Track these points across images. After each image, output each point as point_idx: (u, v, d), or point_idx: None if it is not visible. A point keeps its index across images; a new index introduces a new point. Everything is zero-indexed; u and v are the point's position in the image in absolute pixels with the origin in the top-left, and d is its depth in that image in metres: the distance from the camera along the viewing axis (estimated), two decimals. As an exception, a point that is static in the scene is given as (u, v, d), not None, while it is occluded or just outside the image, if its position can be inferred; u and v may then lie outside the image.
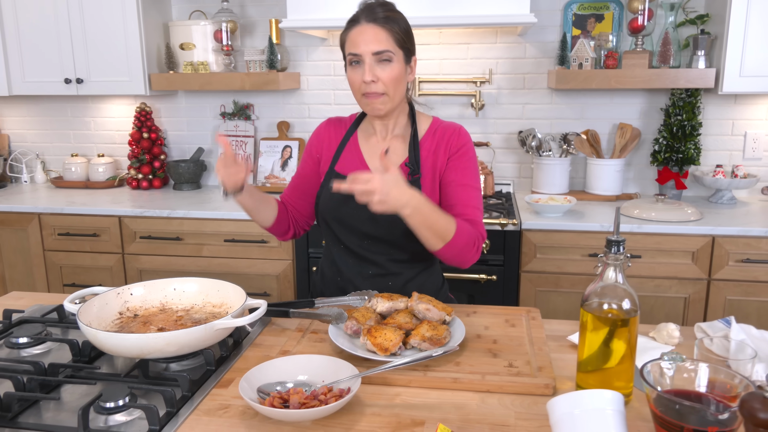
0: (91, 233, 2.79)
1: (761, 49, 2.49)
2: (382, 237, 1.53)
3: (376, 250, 1.56)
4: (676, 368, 1.02)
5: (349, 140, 1.60)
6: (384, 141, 1.58)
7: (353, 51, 1.44)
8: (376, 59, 1.43)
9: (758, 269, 2.38)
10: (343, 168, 1.57)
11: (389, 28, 1.44)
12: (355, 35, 1.44)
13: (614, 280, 1.08)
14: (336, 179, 1.49)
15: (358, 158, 1.58)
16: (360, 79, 1.45)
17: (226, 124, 3.22)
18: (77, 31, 2.91)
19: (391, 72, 1.44)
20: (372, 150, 1.58)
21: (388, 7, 1.48)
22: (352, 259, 1.59)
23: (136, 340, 1.13)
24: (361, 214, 1.50)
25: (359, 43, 1.43)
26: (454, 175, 1.53)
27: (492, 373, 1.17)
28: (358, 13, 1.47)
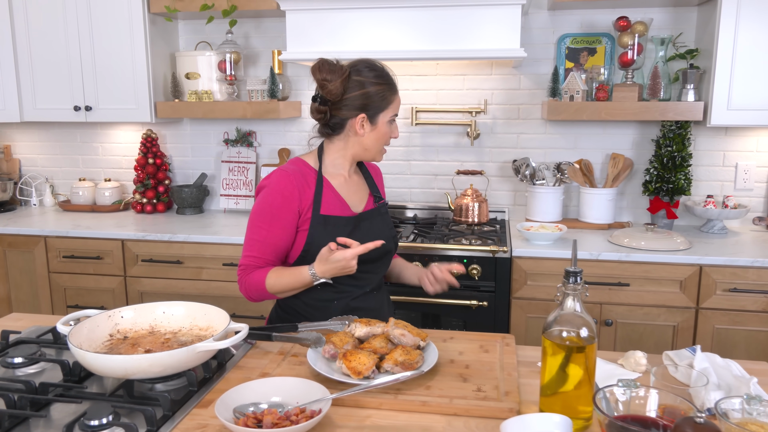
0: (95, 256, 2.88)
1: (748, 83, 2.55)
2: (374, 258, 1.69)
3: (370, 270, 1.73)
4: (630, 395, 1.07)
5: (323, 185, 1.70)
6: (350, 179, 1.77)
7: (396, 112, 1.72)
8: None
9: (745, 299, 2.41)
10: (327, 210, 1.68)
11: None
12: (398, 101, 1.72)
13: (573, 308, 1.13)
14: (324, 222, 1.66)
15: (338, 199, 1.71)
16: (393, 134, 1.74)
17: (229, 151, 3.31)
18: (87, 60, 3.03)
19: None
20: (345, 188, 1.74)
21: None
22: (353, 281, 1.70)
23: (121, 362, 1.20)
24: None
25: (398, 107, 1.73)
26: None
27: (460, 397, 1.22)
28: (393, 82, 1.71)
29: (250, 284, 1.65)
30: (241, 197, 3.30)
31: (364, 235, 1.65)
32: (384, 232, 1.75)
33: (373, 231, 1.72)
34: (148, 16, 2.97)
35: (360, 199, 1.77)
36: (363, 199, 1.78)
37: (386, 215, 1.81)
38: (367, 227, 1.72)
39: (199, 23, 3.26)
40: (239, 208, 3.30)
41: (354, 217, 1.71)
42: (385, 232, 1.76)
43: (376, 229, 1.74)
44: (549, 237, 2.59)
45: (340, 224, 1.67)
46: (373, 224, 1.74)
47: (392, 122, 1.72)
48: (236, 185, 3.31)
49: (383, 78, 1.67)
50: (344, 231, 1.66)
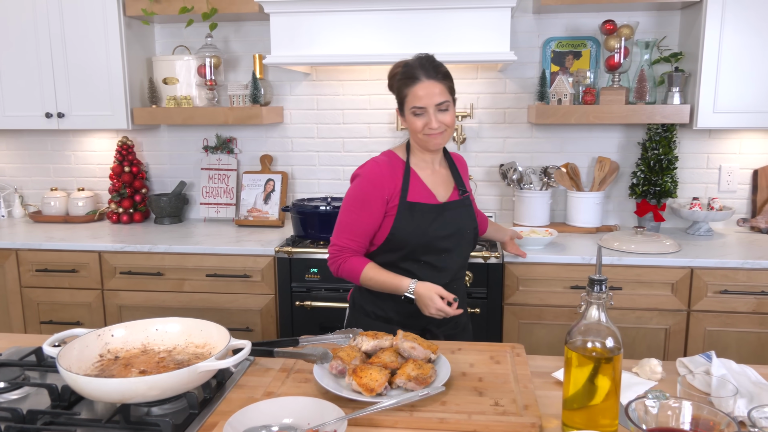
0: (70, 269, 2.76)
1: (733, 86, 2.57)
2: (455, 249, 1.82)
3: (450, 259, 1.82)
4: (660, 406, 1.03)
5: (411, 175, 1.80)
6: (436, 171, 1.86)
7: (418, 104, 1.71)
8: (438, 108, 1.71)
9: (736, 300, 2.41)
10: (413, 197, 1.78)
11: (445, 83, 1.73)
12: (419, 90, 1.71)
13: (597, 318, 1.09)
14: (410, 208, 1.76)
15: (424, 189, 1.81)
16: (422, 125, 1.73)
17: (209, 158, 3.22)
18: (59, 65, 2.91)
19: (450, 116, 1.75)
20: (431, 179, 1.84)
21: (439, 63, 1.75)
22: (432, 271, 1.80)
23: (117, 385, 1.12)
24: (442, 233, 1.78)
25: (423, 97, 1.70)
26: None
27: (478, 413, 1.17)
28: (417, 70, 1.72)
29: (345, 268, 1.78)
30: (222, 205, 3.20)
31: (448, 223, 1.78)
32: (466, 222, 1.84)
33: (456, 220, 1.81)
34: (123, 19, 2.87)
35: (445, 190, 1.84)
36: (448, 191, 1.85)
37: (470, 207, 1.87)
38: (451, 216, 1.80)
39: (176, 27, 3.16)
40: (220, 216, 3.21)
41: (439, 205, 1.79)
42: (467, 222, 1.84)
43: (459, 219, 1.82)
44: (540, 242, 2.56)
45: (425, 211, 1.76)
46: (456, 214, 1.81)
47: (416, 114, 1.72)
48: (217, 193, 3.21)
49: (405, 72, 1.74)
50: (429, 217, 1.76)
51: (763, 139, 2.91)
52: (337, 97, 3.12)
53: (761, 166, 2.92)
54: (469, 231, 1.84)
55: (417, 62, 1.73)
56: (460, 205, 1.84)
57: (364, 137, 3.14)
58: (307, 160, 3.20)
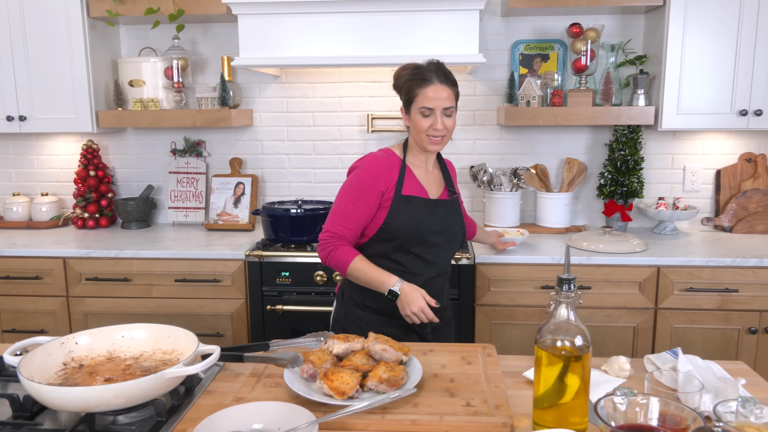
0: (34, 276, 2.69)
1: (696, 88, 2.63)
2: (443, 244, 1.89)
3: (439, 253, 1.89)
4: (629, 403, 1.04)
5: (406, 171, 1.88)
6: (429, 171, 1.94)
7: (427, 105, 1.79)
8: (444, 112, 1.81)
9: (701, 297, 2.47)
10: (408, 191, 1.85)
11: (454, 89, 1.84)
12: (431, 92, 1.79)
13: (566, 317, 1.10)
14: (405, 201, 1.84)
15: (418, 184, 1.89)
16: (428, 125, 1.81)
17: (177, 161, 3.17)
18: (21, 67, 2.84)
19: (452, 122, 1.85)
20: (425, 177, 1.92)
21: (448, 70, 1.85)
22: (423, 264, 1.87)
23: (81, 394, 1.09)
24: (434, 227, 1.86)
25: (434, 99, 1.79)
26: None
27: (450, 414, 1.17)
28: (431, 73, 1.81)
29: (335, 256, 1.80)
30: (191, 209, 3.16)
31: (439, 219, 1.86)
32: (455, 221, 1.92)
33: (446, 217, 1.89)
34: (87, 21, 2.81)
35: (437, 189, 1.93)
36: (439, 190, 1.94)
37: (458, 208, 1.96)
38: (442, 213, 1.88)
39: (142, 28, 3.11)
40: (189, 221, 3.16)
41: (431, 200, 1.87)
42: (456, 221, 1.93)
43: (449, 217, 1.90)
44: (516, 241, 2.58)
45: (419, 204, 1.84)
46: (446, 212, 1.89)
47: (425, 115, 1.80)
48: (185, 197, 3.16)
49: (416, 74, 1.82)
50: (422, 210, 1.84)
51: (726, 140, 2.98)
52: (307, 100, 3.10)
53: (724, 167, 2.99)
54: (458, 229, 1.93)
55: (431, 66, 1.83)
56: (449, 204, 1.92)
57: (335, 140, 3.12)
58: (277, 162, 3.18)
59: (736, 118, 2.64)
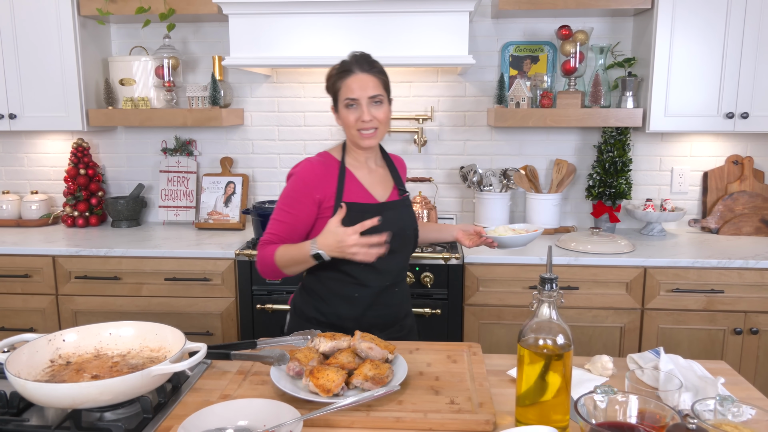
0: (23, 274, 2.68)
1: (683, 91, 2.66)
2: (395, 249, 1.74)
3: (391, 261, 1.76)
4: (609, 400, 1.06)
5: (346, 175, 1.77)
6: (373, 171, 1.83)
7: (350, 96, 1.69)
8: (371, 102, 1.70)
9: (687, 298, 2.49)
10: (350, 197, 1.74)
11: (380, 77, 1.73)
12: (352, 82, 1.69)
13: (548, 316, 1.12)
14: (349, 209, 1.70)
15: (360, 189, 1.77)
16: (355, 118, 1.70)
17: (168, 160, 3.17)
18: (11, 65, 2.83)
19: (384, 111, 1.73)
20: (368, 178, 1.80)
21: (373, 60, 1.76)
22: (373, 273, 1.75)
23: (67, 390, 1.09)
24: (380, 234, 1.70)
25: (355, 89, 1.69)
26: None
27: (434, 411, 1.18)
28: (351, 65, 1.71)
29: (261, 258, 1.71)
30: (182, 208, 3.16)
31: (389, 223, 1.70)
32: (407, 222, 1.80)
33: (397, 220, 1.76)
34: (78, 19, 2.81)
35: (384, 190, 1.82)
36: (387, 190, 1.82)
37: (410, 207, 1.85)
38: (391, 216, 1.75)
39: (132, 27, 3.11)
40: (179, 219, 3.16)
41: (377, 205, 1.76)
42: (408, 222, 1.81)
43: (399, 219, 1.78)
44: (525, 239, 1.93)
45: (363, 211, 1.71)
46: (397, 213, 1.78)
47: (349, 106, 1.70)
48: (176, 196, 3.17)
49: (340, 66, 1.73)
50: (367, 218, 1.67)
51: (713, 143, 3.01)
52: (297, 99, 3.11)
53: (711, 169, 3.02)
54: (410, 231, 1.82)
55: (353, 57, 1.74)
56: (400, 205, 1.81)
57: (326, 139, 3.13)
58: (268, 162, 3.18)
59: (722, 121, 2.67)
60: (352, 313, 1.76)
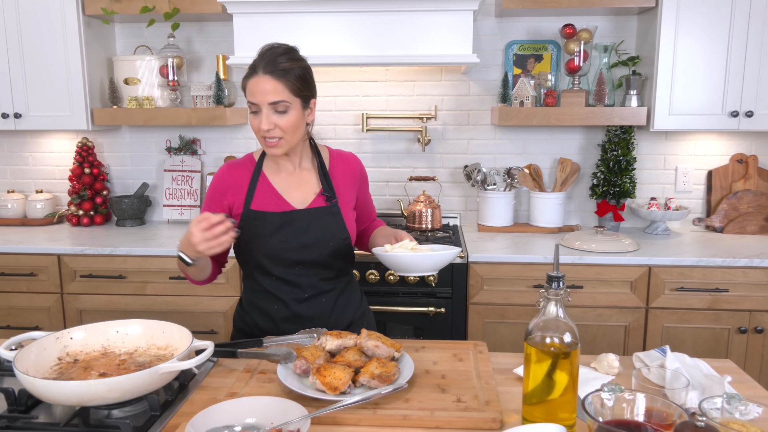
0: (28, 272, 2.69)
1: (688, 89, 2.65)
2: (313, 261, 1.64)
3: (307, 273, 1.65)
4: (616, 399, 1.06)
5: (259, 179, 1.65)
6: (294, 174, 1.67)
7: (251, 100, 1.53)
8: (272, 108, 1.51)
9: (691, 297, 2.49)
10: (259, 205, 1.63)
11: (285, 79, 1.50)
12: (252, 85, 1.52)
13: (555, 314, 1.12)
14: (253, 217, 1.61)
15: (272, 195, 1.64)
16: (258, 125, 1.53)
17: (172, 159, 3.18)
18: (16, 64, 2.84)
19: (288, 120, 1.53)
20: (286, 182, 1.66)
21: (288, 55, 1.54)
22: (288, 285, 1.65)
23: (75, 388, 1.10)
24: (291, 244, 1.61)
25: (256, 93, 1.51)
26: (366, 196, 1.83)
27: (440, 409, 1.19)
28: (257, 62, 1.53)
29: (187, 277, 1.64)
30: (186, 207, 3.16)
31: (300, 233, 1.60)
32: (329, 232, 1.63)
33: (312, 229, 1.61)
34: (83, 18, 2.81)
35: (304, 195, 1.66)
36: (309, 196, 1.66)
37: (338, 215, 1.65)
38: (306, 225, 1.61)
39: (137, 27, 3.12)
40: (184, 218, 3.17)
41: (286, 213, 1.61)
42: (331, 232, 1.63)
43: (318, 228, 1.62)
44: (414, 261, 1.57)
45: (269, 219, 1.60)
46: (315, 223, 1.62)
47: (252, 111, 1.54)
48: (180, 195, 3.17)
49: (251, 62, 1.55)
50: (271, 226, 1.60)
51: (717, 141, 3.01)
52: (302, 99, 3.11)
53: (715, 167, 3.01)
54: (332, 242, 1.63)
55: (260, 53, 1.54)
56: (323, 212, 1.64)
57: (330, 138, 3.14)
58: (272, 161, 3.18)
59: (727, 119, 2.66)
60: (268, 324, 1.67)
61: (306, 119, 1.60)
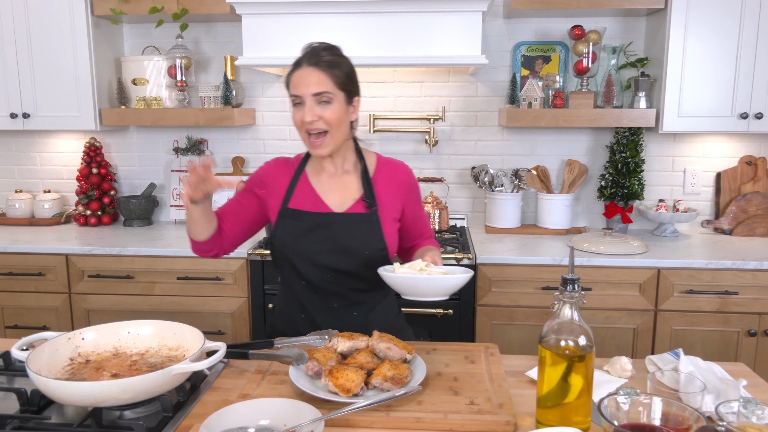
0: (36, 272, 2.69)
1: (697, 91, 2.64)
2: (345, 269, 1.59)
3: (338, 281, 1.61)
4: (631, 402, 1.05)
5: (299, 179, 1.65)
6: (335, 176, 1.65)
7: (294, 92, 1.53)
8: (316, 100, 1.50)
9: (701, 300, 2.48)
10: (296, 204, 1.62)
11: (330, 71, 1.51)
12: (296, 78, 1.52)
13: (570, 317, 1.11)
14: (290, 215, 1.60)
15: (312, 194, 1.63)
16: (300, 118, 1.52)
17: (179, 160, 3.18)
18: (24, 65, 2.85)
19: (332, 112, 1.51)
20: (326, 184, 1.64)
21: (332, 51, 1.55)
22: (316, 294, 1.62)
23: (89, 389, 1.10)
24: (324, 247, 1.58)
25: (300, 85, 1.51)
26: (416, 210, 1.72)
27: (454, 412, 1.18)
28: (302, 57, 1.54)
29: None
30: (193, 208, 3.16)
31: (334, 237, 1.57)
32: (365, 241, 1.58)
33: (348, 236, 1.57)
34: (91, 19, 2.82)
35: (343, 200, 1.62)
36: (347, 201, 1.62)
37: (376, 224, 1.59)
38: (342, 230, 1.58)
39: (144, 27, 3.12)
40: (191, 219, 3.16)
41: (323, 214, 1.59)
42: (367, 241, 1.58)
43: (354, 236, 1.57)
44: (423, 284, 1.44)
45: (304, 219, 1.59)
46: (351, 229, 1.58)
47: (295, 104, 1.54)
48: (187, 195, 3.16)
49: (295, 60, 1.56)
50: (305, 226, 1.58)
51: (726, 143, 2.99)
52: (309, 99, 3.11)
53: (724, 169, 3.00)
54: (367, 251, 1.57)
55: (304, 49, 1.56)
56: (361, 219, 1.59)
57: (337, 139, 3.13)
58: (279, 162, 3.18)
59: (736, 121, 2.65)
60: (294, 335, 1.62)
61: (350, 116, 1.58)
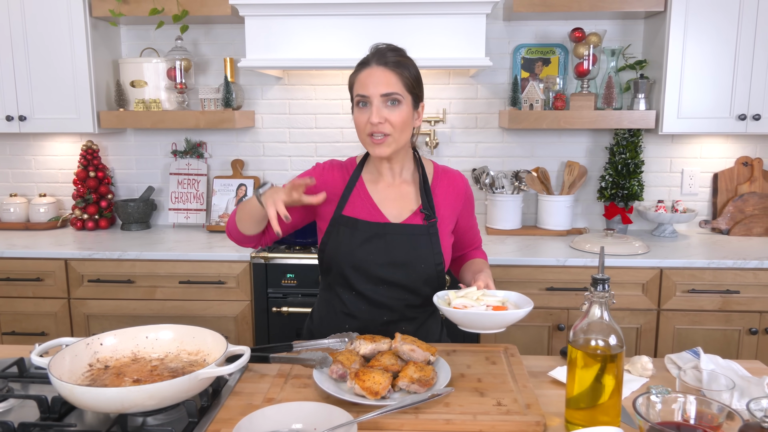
0: (34, 277, 2.65)
1: (696, 93, 2.67)
2: (400, 282, 1.53)
3: (392, 295, 1.54)
4: (663, 401, 1.06)
5: (356, 185, 1.57)
6: (393, 185, 1.58)
7: (361, 92, 1.46)
8: (384, 101, 1.45)
9: (703, 299, 2.50)
10: (352, 212, 1.54)
11: (399, 72, 1.46)
12: (364, 77, 1.46)
13: (600, 316, 1.11)
14: (343, 223, 1.53)
15: (368, 203, 1.55)
16: (366, 119, 1.46)
17: (178, 163, 3.15)
18: (21, 66, 2.80)
19: (399, 115, 1.45)
20: (384, 193, 1.57)
21: (399, 53, 1.50)
22: (366, 305, 1.55)
23: (116, 395, 1.08)
24: (379, 259, 1.51)
25: (368, 85, 1.45)
26: (470, 220, 1.69)
27: (482, 413, 1.18)
28: (369, 57, 1.49)
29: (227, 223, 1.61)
30: (192, 211, 3.14)
31: (390, 249, 1.49)
32: (421, 254, 1.51)
33: (405, 248, 1.50)
34: (89, 20, 2.78)
35: (400, 210, 1.55)
36: (405, 212, 1.55)
37: (434, 237, 1.53)
38: (398, 242, 1.50)
39: (143, 29, 3.09)
40: (190, 222, 3.14)
41: (379, 224, 1.51)
42: (423, 254, 1.51)
43: (410, 248, 1.50)
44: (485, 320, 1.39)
45: (360, 228, 1.51)
46: (408, 240, 1.51)
47: (360, 104, 1.47)
48: (186, 199, 3.14)
49: (360, 61, 1.52)
50: (361, 236, 1.50)
51: (723, 144, 3.03)
52: (309, 102, 3.10)
53: (721, 170, 3.04)
54: (423, 265, 1.51)
55: (371, 50, 1.51)
56: (419, 231, 1.52)
57: (337, 142, 3.13)
58: (279, 164, 3.17)
59: (735, 123, 2.69)
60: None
61: (414, 122, 1.53)
